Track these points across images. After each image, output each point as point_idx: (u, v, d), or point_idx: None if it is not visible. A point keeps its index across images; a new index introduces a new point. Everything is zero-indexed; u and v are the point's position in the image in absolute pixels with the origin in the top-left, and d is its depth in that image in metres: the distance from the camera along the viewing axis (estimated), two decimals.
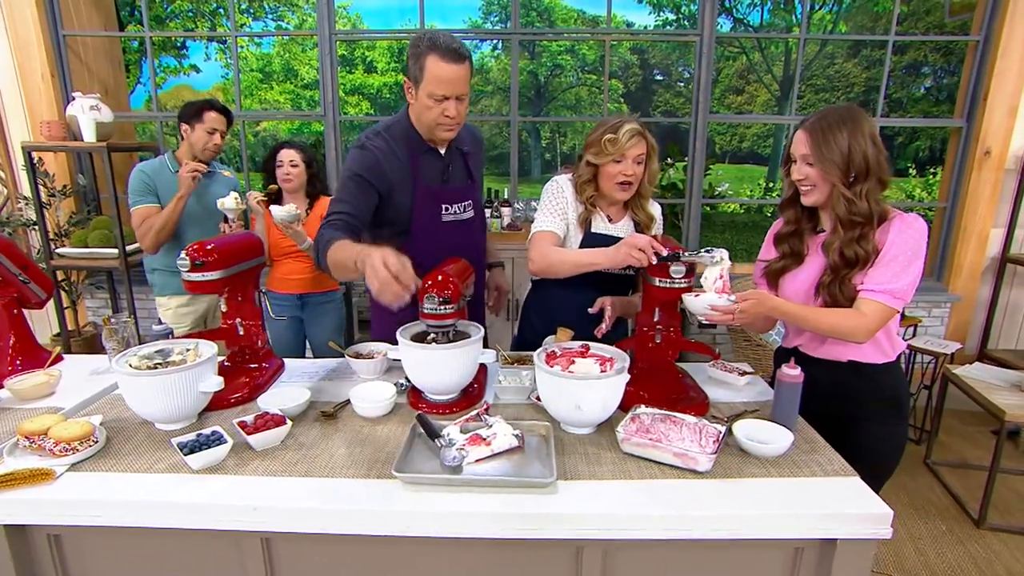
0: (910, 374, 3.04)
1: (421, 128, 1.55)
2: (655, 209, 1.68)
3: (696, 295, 1.27)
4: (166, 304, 2.33)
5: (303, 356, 2.51)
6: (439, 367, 1.32)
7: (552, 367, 1.24)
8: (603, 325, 1.54)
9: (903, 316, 2.97)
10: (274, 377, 1.57)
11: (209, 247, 1.38)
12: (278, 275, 2.40)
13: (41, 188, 3.01)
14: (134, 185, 2.21)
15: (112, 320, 1.57)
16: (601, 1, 3.63)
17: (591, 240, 1.60)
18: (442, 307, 1.31)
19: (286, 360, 1.68)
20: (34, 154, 2.95)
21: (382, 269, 1.14)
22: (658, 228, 1.68)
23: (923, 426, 2.97)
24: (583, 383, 1.18)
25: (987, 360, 3.30)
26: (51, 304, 3.07)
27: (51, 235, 3.06)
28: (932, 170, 8.60)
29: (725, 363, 1.56)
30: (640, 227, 1.64)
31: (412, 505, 1.04)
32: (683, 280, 1.29)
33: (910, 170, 9.32)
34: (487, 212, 3.13)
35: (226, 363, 1.52)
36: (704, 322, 1.29)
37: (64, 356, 1.64)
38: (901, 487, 2.56)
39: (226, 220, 2.21)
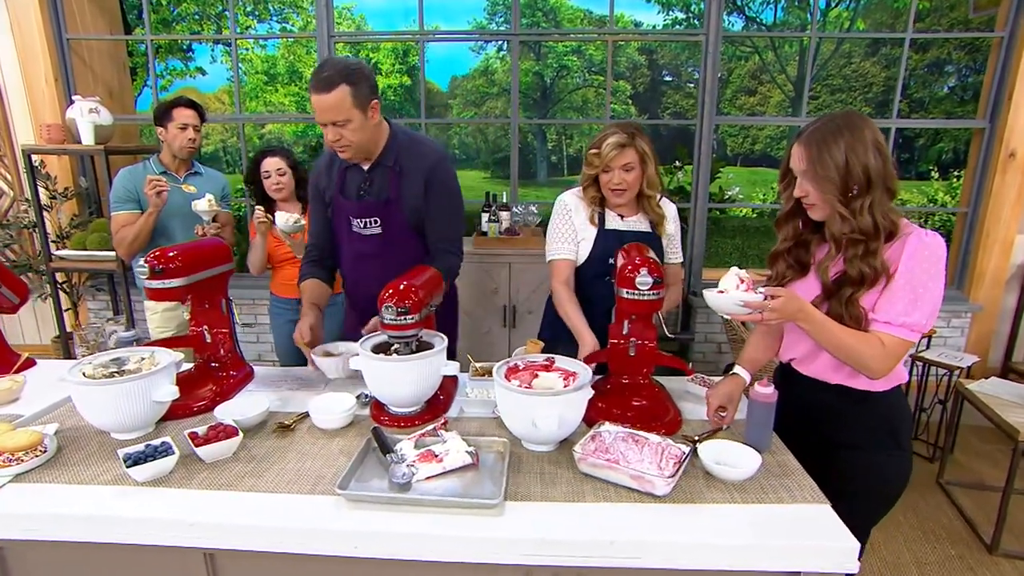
0: (923, 388, 2.89)
1: None
2: (668, 209, 1.69)
3: (722, 292, 1.15)
4: (153, 308, 2.33)
5: (305, 361, 2.48)
6: (398, 379, 1.28)
7: (511, 381, 1.19)
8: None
9: None
10: (241, 385, 1.55)
11: (171, 254, 1.36)
12: (278, 280, 2.38)
13: (43, 190, 3.05)
14: (116, 191, 2.20)
15: (83, 327, 1.56)
16: (608, 0, 3.58)
17: (605, 237, 1.64)
18: (401, 317, 1.26)
19: (256, 368, 1.66)
20: (35, 157, 2.99)
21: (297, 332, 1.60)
22: (671, 227, 1.70)
23: (936, 443, 2.83)
24: (538, 399, 1.12)
25: (1012, 374, 3.13)
26: (51, 306, 3.13)
27: (53, 237, 3.10)
28: (956, 173, 8.22)
29: (704, 377, 1.49)
30: (653, 224, 1.67)
31: (354, 524, 1.00)
32: (650, 292, 1.23)
33: (932, 173, 8.92)
34: (484, 217, 3.09)
35: (192, 370, 1.50)
36: (727, 319, 1.21)
37: (36, 361, 1.64)
38: (910, 508, 2.43)
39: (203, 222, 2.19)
